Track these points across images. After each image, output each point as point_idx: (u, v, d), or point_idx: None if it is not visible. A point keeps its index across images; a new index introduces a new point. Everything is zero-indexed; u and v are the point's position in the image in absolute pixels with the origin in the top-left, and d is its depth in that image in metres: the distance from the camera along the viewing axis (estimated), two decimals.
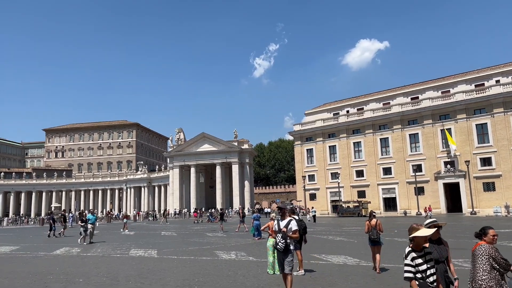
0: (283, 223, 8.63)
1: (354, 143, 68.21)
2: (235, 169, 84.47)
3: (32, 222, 71.56)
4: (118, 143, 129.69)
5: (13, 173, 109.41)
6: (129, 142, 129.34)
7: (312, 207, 55.15)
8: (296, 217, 12.75)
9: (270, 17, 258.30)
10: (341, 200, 64.40)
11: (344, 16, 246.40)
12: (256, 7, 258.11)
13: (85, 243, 23.55)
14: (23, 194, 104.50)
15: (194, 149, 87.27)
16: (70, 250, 20.95)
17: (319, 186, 71.16)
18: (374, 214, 12.63)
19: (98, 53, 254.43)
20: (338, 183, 64.73)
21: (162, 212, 65.71)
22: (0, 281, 12.07)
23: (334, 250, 17.94)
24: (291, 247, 8.52)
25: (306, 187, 70.08)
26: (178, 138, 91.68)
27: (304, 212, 64.58)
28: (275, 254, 12.39)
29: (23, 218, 79.49)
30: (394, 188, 63.24)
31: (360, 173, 67.13)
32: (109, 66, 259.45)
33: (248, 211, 78.15)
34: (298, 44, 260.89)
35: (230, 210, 72.93)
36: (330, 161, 70.63)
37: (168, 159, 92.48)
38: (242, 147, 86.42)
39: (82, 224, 24.38)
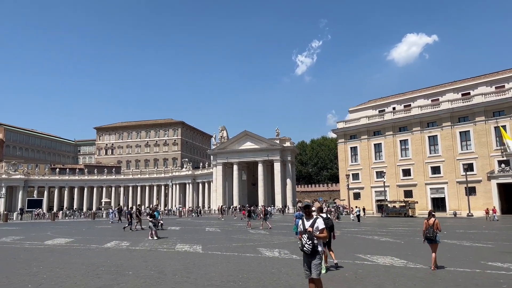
0: (308, 223, 7.92)
1: (400, 141, 66.16)
2: (277, 167, 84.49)
3: (84, 216, 75.20)
4: (164, 140, 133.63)
5: (67, 169, 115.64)
6: (175, 140, 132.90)
7: (357, 207, 54.07)
8: (324, 216, 12.78)
9: (313, 13, 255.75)
10: (386, 199, 62.70)
11: (389, 10, 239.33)
12: (299, 4, 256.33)
13: (155, 238, 23.87)
14: (76, 189, 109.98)
15: (237, 146, 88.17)
16: (120, 243, 21.82)
17: (364, 185, 69.66)
18: (433, 213, 13.10)
19: (144, 53, 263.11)
20: (384, 182, 63.02)
21: (218, 208, 67.17)
22: (57, 271, 12.79)
23: (380, 250, 17.49)
24: (319, 248, 7.80)
25: (350, 186, 68.83)
26: (221, 136, 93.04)
27: (348, 211, 63.54)
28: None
29: (76, 212, 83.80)
30: (443, 188, 60.71)
31: (407, 172, 65.00)
32: (155, 65, 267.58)
33: (288, 209, 78.15)
34: (342, 40, 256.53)
35: (272, 207, 72.93)
36: (375, 159, 68.92)
37: (211, 156, 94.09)
38: (284, 145, 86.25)
39: (151, 219, 25.06)
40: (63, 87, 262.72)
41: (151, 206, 58.44)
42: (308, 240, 7.69)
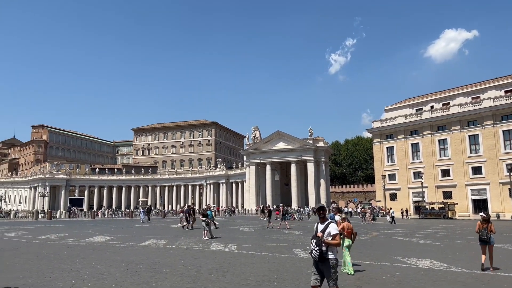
0: (320, 227, 7.36)
1: (439, 140, 64.06)
2: (310, 167, 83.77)
3: (122, 215, 77.56)
4: (199, 141, 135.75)
5: (106, 169, 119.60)
6: (209, 141, 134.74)
7: (391, 208, 52.80)
8: (341, 216, 12.72)
9: (347, 11, 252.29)
10: (424, 201, 60.87)
11: (426, 6, 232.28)
12: (332, 2, 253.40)
13: (207, 238, 23.91)
14: (114, 189, 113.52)
15: (270, 147, 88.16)
16: (157, 242, 22.34)
17: (400, 186, 67.93)
18: (487, 220, 13.33)
19: (178, 55, 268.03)
20: (422, 183, 61.17)
21: (261, 208, 66.70)
22: (98, 267, 13.28)
23: (418, 253, 17.03)
24: (330, 256, 7.14)
25: (386, 187, 67.28)
26: (254, 136, 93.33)
27: (384, 212, 62.16)
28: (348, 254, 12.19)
29: (115, 211, 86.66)
30: (485, 189, 58.26)
31: (446, 173, 62.84)
32: (189, 66, 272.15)
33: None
34: (377, 37, 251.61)
35: (306, 208, 72.33)
36: (413, 159, 67.06)
37: (244, 156, 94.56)
38: (318, 145, 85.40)
39: (204, 219, 25.20)
40: (102, 90, 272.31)
41: (207, 206, 59.56)
42: (315, 246, 7.15)
